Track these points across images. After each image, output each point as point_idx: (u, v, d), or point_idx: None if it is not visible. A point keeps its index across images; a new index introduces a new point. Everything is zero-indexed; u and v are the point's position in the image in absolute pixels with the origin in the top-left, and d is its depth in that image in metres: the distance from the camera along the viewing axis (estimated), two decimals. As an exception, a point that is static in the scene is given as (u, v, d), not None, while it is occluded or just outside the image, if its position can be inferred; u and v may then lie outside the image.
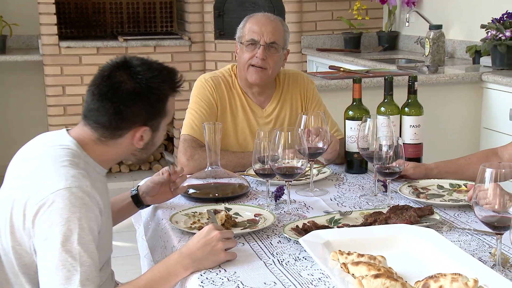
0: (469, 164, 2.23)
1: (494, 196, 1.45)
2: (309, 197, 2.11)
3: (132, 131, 1.71)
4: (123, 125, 1.70)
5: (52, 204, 1.54)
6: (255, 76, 2.46)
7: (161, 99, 1.73)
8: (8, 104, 5.55)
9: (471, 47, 4.24)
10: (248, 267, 1.57)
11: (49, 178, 1.58)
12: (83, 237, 1.52)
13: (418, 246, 1.60)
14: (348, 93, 2.47)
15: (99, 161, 1.73)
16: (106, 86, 1.68)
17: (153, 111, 1.72)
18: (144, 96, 1.69)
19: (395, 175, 1.98)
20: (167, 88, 1.73)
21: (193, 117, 2.47)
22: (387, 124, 2.09)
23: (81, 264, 1.50)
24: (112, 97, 1.67)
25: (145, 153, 1.79)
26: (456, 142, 3.82)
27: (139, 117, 1.70)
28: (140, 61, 1.73)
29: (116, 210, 2.04)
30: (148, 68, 1.71)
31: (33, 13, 5.24)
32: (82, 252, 1.51)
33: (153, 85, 1.69)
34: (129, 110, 1.68)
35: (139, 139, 1.73)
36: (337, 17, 5.38)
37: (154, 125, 1.74)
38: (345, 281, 1.40)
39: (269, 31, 2.45)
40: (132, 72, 1.69)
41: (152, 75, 1.70)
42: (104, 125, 1.69)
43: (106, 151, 1.73)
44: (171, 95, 1.76)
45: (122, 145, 1.73)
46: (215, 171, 2.15)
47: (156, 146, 1.81)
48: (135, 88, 1.67)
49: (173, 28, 5.92)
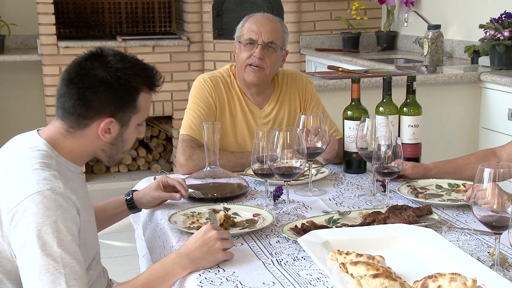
0: (468, 164, 2.23)
1: (492, 196, 1.46)
2: (308, 197, 2.11)
3: (98, 122, 1.66)
4: (88, 114, 1.65)
5: (25, 210, 1.51)
6: (252, 76, 2.46)
7: (130, 91, 1.68)
8: (6, 104, 5.55)
9: (469, 47, 4.24)
10: (247, 267, 1.57)
11: (21, 184, 1.56)
12: (62, 239, 1.50)
13: (417, 246, 1.60)
14: (347, 93, 2.48)
15: (71, 158, 1.69)
16: (74, 72, 1.66)
17: (121, 103, 1.67)
18: (111, 86, 1.65)
19: (393, 175, 1.98)
20: (139, 81, 1.69)
21: (192, 117, 2.47)
22: (385, 124, 2.09)
23: (64, 266, 1.48)
24: (79, 82, 1.64)
25: (115, 149, 1.74)
26: (455, 142, 3.83)
27: (106, 107, 1.66)
28: (115, 52, 1.70)
29: (108, 216, 2.04)
30: (121, 60, 1.68)
31: (31, 13, 5.24)
32: (64, 254, 1.49)
33: (122, 76, 1.66)
34: (94, 97, 1.64)
35: (106, 131, 1.68)
36: (336, 17, 5.38)
37: (123, 119, 1.69)
38: (344, 281, 1.40)
39: (268, 30, 2.45)
40: (103, 61, 1.67)
41: (124, 66, 1.67)
42: (69, 111, 1.66)
43: (76, 145, 1.69)
44: (144, 91, 1.71)
45: (89, 137, 1.68)
46: (213, 171, 2.15)
47: (127, 144, 1.76)
48: (103, 76, 1.64)
49: (172, 28, 5.92)
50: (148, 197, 2.02)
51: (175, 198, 2.00)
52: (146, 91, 1.72)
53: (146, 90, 1.72)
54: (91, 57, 1.69)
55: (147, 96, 1.73)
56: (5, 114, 5.53)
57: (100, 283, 1.84)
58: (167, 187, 2.03)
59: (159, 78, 1.75)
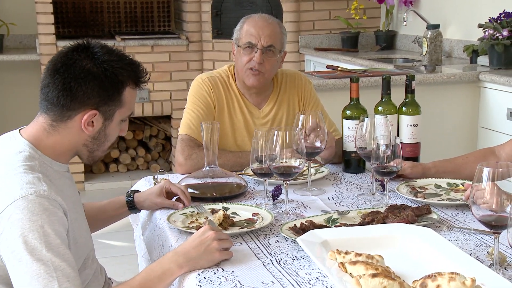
0: (467, 163, 2.23)
1: (491, 196, 1.46)
2: (307, 196, 2.11)
3: (81, 114, 1.65)
4: (72, 105, 1.64)
5: (11, 217, 1.50)
6: (252, 80, 2.46)
7: (115, 84, 1.66)
8: (5, 103, 5.54)
9: (468, 46, 4.24)
10: (246, 267, 1.57)
11: (4, 189, 1.54)
12: (50, 243, 1.49)
13: (416, 246, 1.60)
14: (346, 93, 2.48)
15: (54, 156, 1.68)
16: (60, 62, 1.65)
17: (106, 96, 1.66)
18: (97, 77, 1.64)
19: (392, 174, 1.98)
20: (125, 75, 1.68)
21: (190, 116, 2.47)
22: (384, 124, 2.09)
23: (55, 270, 1.46)
24: (64, 72, 1.63)
25: (97, 144, 1.72)
26: (454, 141, 3.83)
27: (91, 99, 1.64)
28: (101, 45, 1.69)
29: (108, 216, 2.04)
30: (108, 53, 1.67)
31: (30, 12, 5.24)
32: (54, 257, 1.47)
33: (109, 68, 1.65)
34: (80, 88, 1.63)
35: (88, 124, 1.66)
36: (335, 16, 5.38)
37: (107, 113, 1.68)
38: (343, 281, 1.40)
39: (267, 34, 2.44)
40: (90, 52, 1.66)
41: (111, 59, 1.66)
42: (52, 102, 1.65)
43: (58, 140, 1.67)
44: (129, 86, 1.70)
45: (72, 130, 1.67)
46: (213, 171, 2.15)
47: (109, 140, 1.74)
48: (90, 68, 1.63)
49: (171, 28, 5.92)
50: (150, 202, 2.02)
51: (177, 207, 1.99)
52: (132, 86, 1.71)
53: (131, 85, 1.71)
54: (78, 48, 1.67)
55: (132, 92, 1.72)
56: (4, 113, 5.52)
57: (97, 281, 1.83)
58: (170, 193, 2.03)
59: (145, 74, 1.75)
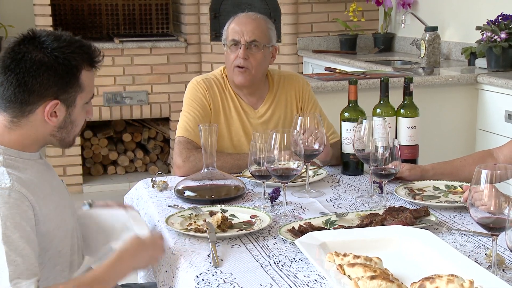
0: (465, 165, 2.23)
1: (489, 198, 1.46)
2: (305, 198, 2.11)
3: (42, 106, 1.63)
4: (31, 99, 1.62)
5: None
6: (240, 77, 2.46)
7: (70, 70, 1.64)
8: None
9: (466, 48, 4.25)
10: (244, 269, 1.57)
11: None
12: (8, 236, 1.47)
13: (414, 248, 1.60)
14: (344, 95, 2.47)
15: (22, 147, 1.66)
16: (9, 58, 1.62)
17: (63, 83, 1.64)
18: (50, 67, 1.61)
19: (391, 176, 1.98)
20: (78, 59, 1.66)
21: (187, 119, 2.47)
22: (383, 126, 2.10)
23: (9, 263, 1.44)
24: (15, 68, 1.61)
25: (66, 132, 1.70)
26: (452, 143, 3.83)
27: (48, 90, 1.62)
28: (48, 33, 1.66)
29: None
30: (56, 39, 1.65)
31: (28, 14, 5.23)
32: (9, 251, 1.46)
33: (60, 55, 1.63)
34: (34, 81, 1.61)
35: (52, 115, 1.65)
36: (333, 18, 5.39)
37: (68, 100, 1.65)
38: (341, 283, 1.40)
39: (249, 30, 2.44)
40: (38, 42, 1.63)
41: (60, 46, 1.64)
42: (10, 99, 1.62)
43: (23, 134, 1.65)
44: (85, 69, 1.68)
45: (36, 123, 1.65)
46: (211, 173, 2.14)
47: (77, 125, 1.72)
48: (40, 58, 1.61)
49: (169, 30, 5.92)
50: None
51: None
52: (87, 69, 1.70)
53: (87, 67, 1.69)
54: (24, 40, 1.65)
55: (89, 74, 1.70)
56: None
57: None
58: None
59: (99, 54, 1.73)
